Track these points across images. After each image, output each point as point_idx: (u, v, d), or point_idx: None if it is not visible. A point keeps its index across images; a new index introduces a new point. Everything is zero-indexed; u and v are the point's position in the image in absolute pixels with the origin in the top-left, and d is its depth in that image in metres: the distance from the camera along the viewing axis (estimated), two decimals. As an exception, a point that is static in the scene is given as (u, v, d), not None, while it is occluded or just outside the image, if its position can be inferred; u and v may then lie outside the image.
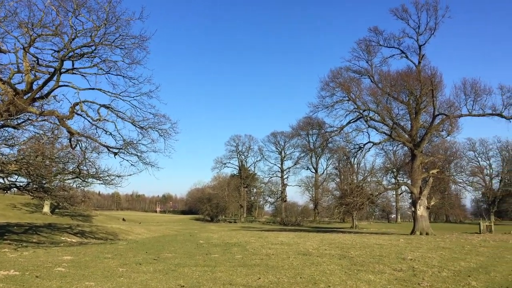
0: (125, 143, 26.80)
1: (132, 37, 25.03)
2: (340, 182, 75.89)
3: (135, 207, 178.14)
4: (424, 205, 40.98)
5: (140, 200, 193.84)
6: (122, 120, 26.65)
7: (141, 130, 26.85)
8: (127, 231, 40.52)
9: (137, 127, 26.86)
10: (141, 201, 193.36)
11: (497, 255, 18.39)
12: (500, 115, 40.30)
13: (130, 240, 31.13)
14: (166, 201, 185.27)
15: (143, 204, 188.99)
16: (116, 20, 24.04)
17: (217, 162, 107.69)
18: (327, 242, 23.71)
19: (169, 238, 28.84)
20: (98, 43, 24.50)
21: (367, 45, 45.42)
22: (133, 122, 26.68)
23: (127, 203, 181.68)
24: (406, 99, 43.79)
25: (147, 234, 41.07)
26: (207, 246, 20.67)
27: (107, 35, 24.48)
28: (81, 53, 24.99)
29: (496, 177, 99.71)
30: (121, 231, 39.50)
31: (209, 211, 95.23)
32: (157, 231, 45.40)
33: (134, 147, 26.87)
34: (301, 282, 10.80)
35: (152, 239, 29.08)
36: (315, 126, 55.06)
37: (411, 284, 10.78)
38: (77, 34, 24.12)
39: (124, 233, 38.64)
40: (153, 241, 26.37)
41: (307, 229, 63.83)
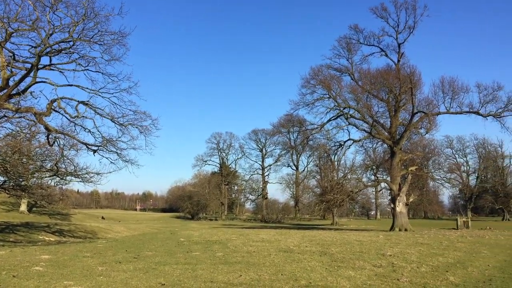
0: (104, 140, 26.48)
1: (111, 33, 24.74)
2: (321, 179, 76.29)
3: (115, 205, 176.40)
4: (403, 201, 41.49)
5: (120, 198, 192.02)
6: (101, 117, 26.33)
7: (121, 127, 26.57)
8: (106, 229, 40.08)
9: (116, 124, 26.56)
10: (120, 199, 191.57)
11: (474, 250, 18.74)
12: (477, 113, 41.02)
13: (110, 238, 30.79)
14: (146, 199, 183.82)
15: (123, 202, 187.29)
16: (95, 15, 23.72)
17: (198, 160, 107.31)
18: (308, 239, 23.83)
19: (150, 236, 28.62)
20: (76, 38, 24.13)
21: (348, 43, 45.77)
22: (113, 119, 26.36)
23: (106, 201, 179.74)
24: (386, 97, 44.22)
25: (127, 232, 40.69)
26: (188, 244, 20.57)
27: (86, 30, 24.14)
28: (59, 49, 24.58)
29: (473, 173, 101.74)
30: (100, 229, 39.05)
31: (189, 208, 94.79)
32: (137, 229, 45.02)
33: (113, 144, 26.56)
34: (282, 279, 10.82)
35: (132, 238, 28.82)
36: (296, 124, 55.14)
37: (391, 280, 10.89)
38: (54, 30, 23.71)
39: (103, 231, 38.21)
40: (133, 239, 26.14)
41: (288, 226, 64.10)
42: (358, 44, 45.84)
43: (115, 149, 26.62)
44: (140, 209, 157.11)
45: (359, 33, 45.33)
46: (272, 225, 69.91)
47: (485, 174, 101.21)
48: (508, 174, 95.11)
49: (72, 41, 24.27)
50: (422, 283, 10.61)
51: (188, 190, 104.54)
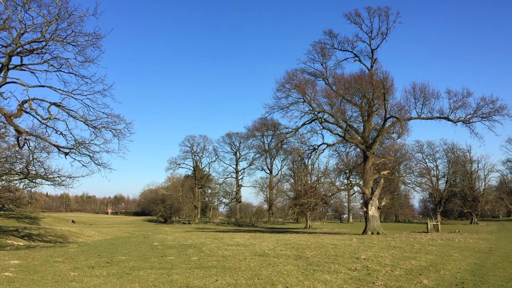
0: (77, 143, 25.96)
1: (85, 34, 24.32)
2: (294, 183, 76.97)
3: (85, 208, 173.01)
4: (375, 205, 42.02)
5: (91, 201, 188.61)
6: (74, 119, 25.82)
7: (94, 129, 26.10)
8: (77, 233, 39.31)
9: (89, 127, 26.10)
10: (91, 202, 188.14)
11: (445, 253, 19.14)
12: (447, 118, 41.93)
13: (81, 242, 30.18)
14: (118, 202, 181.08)
15: (94, 206, 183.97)
16: (69, 15, 23.30)
17: (171, 163, 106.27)
18: (283, 242, 23.90)
19: (122, 240, 28.20)
20: (49, 39, 23.63)
21: (322, 48, 46.13)
22: (86, 121, 25.89)
23: (76, 204, 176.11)
24: (359, 101, 44.74)
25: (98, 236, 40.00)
26: (162, 248, 20.35)
27: (59, 31, 23.67)
28: (31, 49, 24.03)
29: (442, 178, 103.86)
30: (71, 233, 38.27)
31: (162, 212, 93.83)
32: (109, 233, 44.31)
33: (86, 147, 26.07)
34: (259, 283, 10.80)
35: (104, 242, 28.33)
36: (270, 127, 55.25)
37: (366, 283, 11.01)
38: (26, 29, 23.20)
39: (74, 235, 37.47)
40: (106, 243, 25.70)
41: (262, 229, 64.13)
42: (332, 49, 46.33)
43: (87, 152, 26.16)
44: (112, 213, 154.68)
45: (333, 38, 45.84)
46: (246, 228, 69.83)
47: (454, 178, 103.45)
48: (476, 178, 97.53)
49: (45, 41, 23.77)
50: (396, 286, 10.76)
51: (161, 193, 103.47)
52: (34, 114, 24.90)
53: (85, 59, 24.89)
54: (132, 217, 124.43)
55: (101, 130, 26.08)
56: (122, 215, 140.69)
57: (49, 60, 24.46)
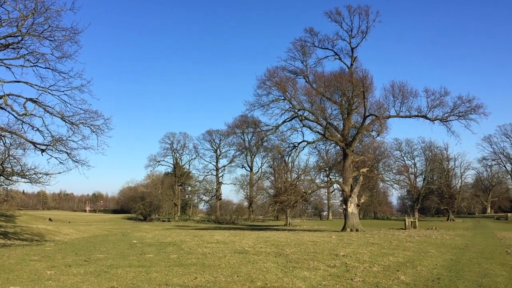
0: (54, 139, 25.49)
1: (62, 29, 23.85)
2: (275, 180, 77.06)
3: (63, 206, 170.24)
4: (354, 202, 42.43)
5: (69, 199, 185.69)
6: (50, 115, 25.31)
7: (72, 125, 25.65)
8: (54, 231, 38.73)
9: (67, 123, 25.64)
10: (69, 200, 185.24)
11: (422, 250, 19.44)
12: (425, 117, 42.55)
13: (58, 241, 29.74)
14: (96, 200, 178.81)
15: (72, 203, 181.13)
16: (45, 10, 22.81)
17: (150, 160, 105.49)
18: (263, 240, 23.94)
19: (100, 238, 27.90)
20: (25, 33, 23.14)
21: (303, 45, 46.32)
22: (63, 117, 25.44)
23: (54, 202, 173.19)
24: (339, 99, 45.04)
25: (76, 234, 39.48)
26: (141, 246, 20.19)
27: (35, 25, 23.18)
28: (6, 44, 23.49)
29: (420, 175, 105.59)
30: (47, 231, 37.69)
31: (142, 210, 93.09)
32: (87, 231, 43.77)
33: (63, 143, 25.62)
34: (238, 281, 10.80)
35: (82, 240, 27.98)
36: (251, 125, 55.20)
37: (345, 280, 11.11)
38: (1, 23, 22.65)
39: (51, 233, 36.90)
40: (83, 241, 25.39)
41: (242, 227, 64.15)
42: (313, 47, 46.57)
43: (65, 148, 25.70)
44: (90, 211, 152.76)
45: (314, 36, 46.07)
46: (226, 226, 69.78)
47: (431, 176, 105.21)
48: (453, 176, 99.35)
49: (21, 36, 23.26)
50: (374, 282, 10.88)
51: (140, 191, 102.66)
52: (10, 110, 24.37)
53: (62, 54, 24.44)
54: (111, 215, 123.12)
55: (78, 126, 25.66)
56: (101, 213, 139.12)
57: (25, 55, 23.96)
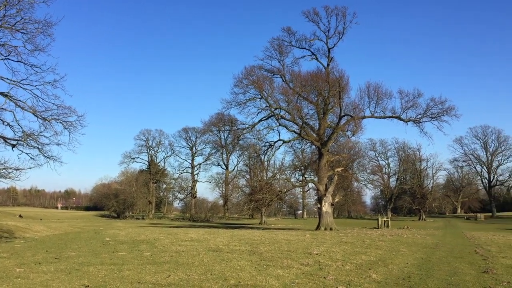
0: (25, 134, 24.87)
1: (35, 21, 23.28)
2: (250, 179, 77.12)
3: (34, 203, 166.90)
4: (329, 201, 42.81)
5: (40, 196, 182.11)
6: (22, 109, 24.71)
7: (44, 121, 25.08)
8: (24, 228, 37.82)
9: (39, 118, 25.04)
10: (40, 196, 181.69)
11: (394, 248, 19.74)
12: (399, 118, 43.21)
13: (28, 238, 29.09)
14: (68, 197, 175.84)
15: (43, 200, 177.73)
16: (18, 1, 22.22)
17: (125, 157, 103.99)
18: (237, 238, 23.94)
19: (72, 236, 27.47)
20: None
21: (280, 45, 46.48)
22: (35, 112, 24.85)
23: (24, 198, 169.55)
24: (315, 99, 45.35)
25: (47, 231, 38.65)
26: (114, 244, 19.96)
27: (7, 17, 22.56)
28: (-24, 35, 22.82)
29: (393, 175, 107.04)
30: (17, 228, 36.78)
31: (115, 207, 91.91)
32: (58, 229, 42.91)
33: (35, 139, 25.03)
34: (211, 279, 10.78)
35: (53, 237, 27.47)
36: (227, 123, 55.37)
37: (318, 278, 11.19)
38: (-29, 15, 21.99)
39: (21, 230, 36.01)
40: (54, 239, 24.94)
41: (216, 225, 64.00)
42: (290, 46, 46.77)
43: (36, 144, 25.12)
44: (62, 207, 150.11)
45: (291, 36, 46.28)
46: (201, 224, 69.48)
47: (404, 176, 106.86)
48: (425, 176, 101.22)
49: (-9, 28, 22.62)
50: (346, 280, 11.00)
51: (114, 188, 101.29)
52: (-21, 104, 23.72)
53: (34, 47, 23.85)
54: (83, 212, 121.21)
55: (51, 122, 25.10)
56: (73, 210, 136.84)
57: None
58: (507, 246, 22.43)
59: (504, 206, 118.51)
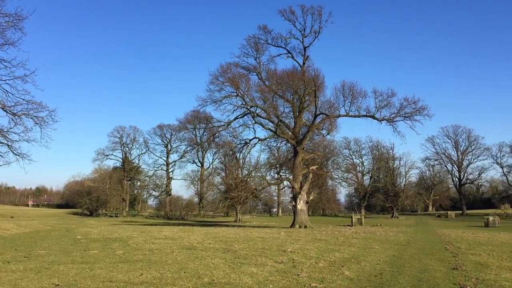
0: (-7, 130, 24.32)
1: (5, 14, 22.76)
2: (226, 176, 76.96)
3: (3, 200, 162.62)
4: (304, 199, 43.06)
5: (10, 193, 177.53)
6: (-10, 104, 24.12)
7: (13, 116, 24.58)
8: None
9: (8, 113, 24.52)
10: (10, 193, 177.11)
11: (367, 246, 19.98)
12: (373, 117, 43.78)
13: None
14: (40, 194, 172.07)
15: (13, 197, 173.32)
16: (-13, -6, 21.66)
17: (98, 154, 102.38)
18: (212, 236, 23.86)
19: (43, 234, 26.92)
20: (-36, 17, 21.89)
21: (256, 42, 46.48)
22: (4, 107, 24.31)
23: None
24: (291, 97, 45.56)
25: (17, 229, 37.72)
26: (86, 242, 19.63)
27: (-24, 10, 21.97)
28: None
29: (367, 174, 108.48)
30: (-14, 226, 35.84)
31: (88, 204, 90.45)
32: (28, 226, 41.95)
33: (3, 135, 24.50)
34: (185, 277, 10.70)
35: (23, 235, 26.84)
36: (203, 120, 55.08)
37: (291, 275, 11.23)
38: None
39: (-11, 229, 35.11)
40: (24, 237, 24.38)
41: (191, 223, 63.67)
42: (266, 44, 46.82)
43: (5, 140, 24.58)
44: (33, 205, 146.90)
45: (267, 34, 46.31)
46: (176, 222, 69.00)
47: (378, 174, 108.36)
48: (398, 174, 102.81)
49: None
50: (320, 278, 11.07)
51: (87, 185, 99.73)
52: None
53: (4, 41, 23.35)
54: (55, 209, 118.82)
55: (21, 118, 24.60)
56: (44, 208, 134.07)
57: (-36, 41, 22.68)
58: (476, 243, 22.97)
59: (473, 204, 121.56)
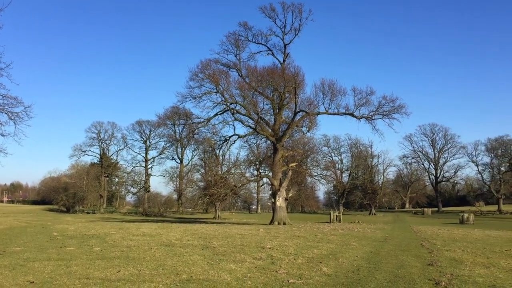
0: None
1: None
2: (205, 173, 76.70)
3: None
4: (283, 196, 43.22)
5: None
6: (-37, 98, 23.51)
7: (-12, 111, 23.98)
8: (-34, 223, 36.10)
9: (-18, 107, 23.92)
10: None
11: (345, 242, 20.18)
12: (352, 114, 44.15)
13: (-30, 233, 27.78)
14: (15, 190, 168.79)
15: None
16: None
17: (75, 149, 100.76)
18: (190, 232, 23.77)
19: (18, 230, 26.43)
20: None
21: (236, 39, 46.26)
22: (-22, 101, 23.71)
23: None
24: (271, 94, 45.57)
25: (-9, 226, 37.01)
26: (62, 239, 19.35)
27: None
28: None
29: (346, 171, 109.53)
30: (-42, 223, 35.06)
31: (65, 201, 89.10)
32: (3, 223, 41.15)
33: (-23, 129, 23.90)
34: (163, 274, 10.63)
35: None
36: (182, 116, 54.58)
37: (270, 272, 11.27)
38: None
39: (-38, 225, 34.35)
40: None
41: (170, 219, 63.32)
42: (247, 41, 46.62)
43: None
44: (8, 201, 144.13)
45: (247, 31, 46.15)
46: (154, 218, 68.51)
47: (356, 172, 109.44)
48: (376, 172, 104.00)
49: None
50: (298, 274, 11.13)
51: (63, 182, 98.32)
52: None
53: (-21, 33, 22.74)
54: (30, 206, 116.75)
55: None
56: (20, 204, 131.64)
57: None
58: (451, 240, 23.42)
59: (449, 201, 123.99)
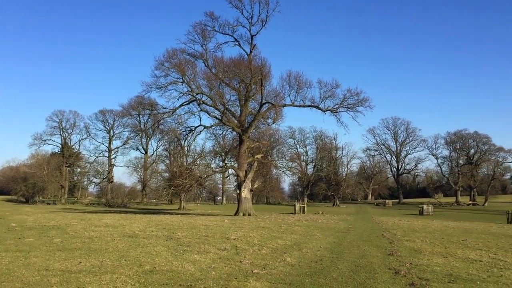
0: None
1: None
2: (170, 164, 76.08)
3: None
4: (248, 187, 43.35)
5: None
6: None
7: None
8: None
9: None
10: None
11: (308, 233, 20.45)
12: (317, 107, 44.61)
13: None
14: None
15: None
16: None
17: (35, 139, 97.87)
18: (154, 223, 23.55)
19: (-27, 222, 25.47)
20: None
21: (203, 29, 45.71)
22: None
23: None
24: (238, 86, 45.45)
25: None
26: (20, 230, 18.81)
27: None
28: None
29: (311, 163, 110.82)
30: None
31: (24, 191, 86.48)
32: (-43, 214, 39.69)
33: None
34: (125, 265, 10.49)
35: (-49, 223, 25.33)
36: (147, 106, 53.73)
37: (234, 262, 11.30)
38: None
39: None
40: (-48, 225, 22.98)
41: (134, 210, 62.55)
42: (213, 31, 46.12)
43: None
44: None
45: (214, 21, 45.64)
46: (117, 209, 67.46)
47: (321, 163, 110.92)
48: (340, 164, 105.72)
49: None
50: (262, 264, 11.20)
51: (22, 171, 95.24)
52: None
53: None
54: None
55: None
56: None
57: None
58: (411, 230, 24.11)
59: (410, 193, 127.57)
